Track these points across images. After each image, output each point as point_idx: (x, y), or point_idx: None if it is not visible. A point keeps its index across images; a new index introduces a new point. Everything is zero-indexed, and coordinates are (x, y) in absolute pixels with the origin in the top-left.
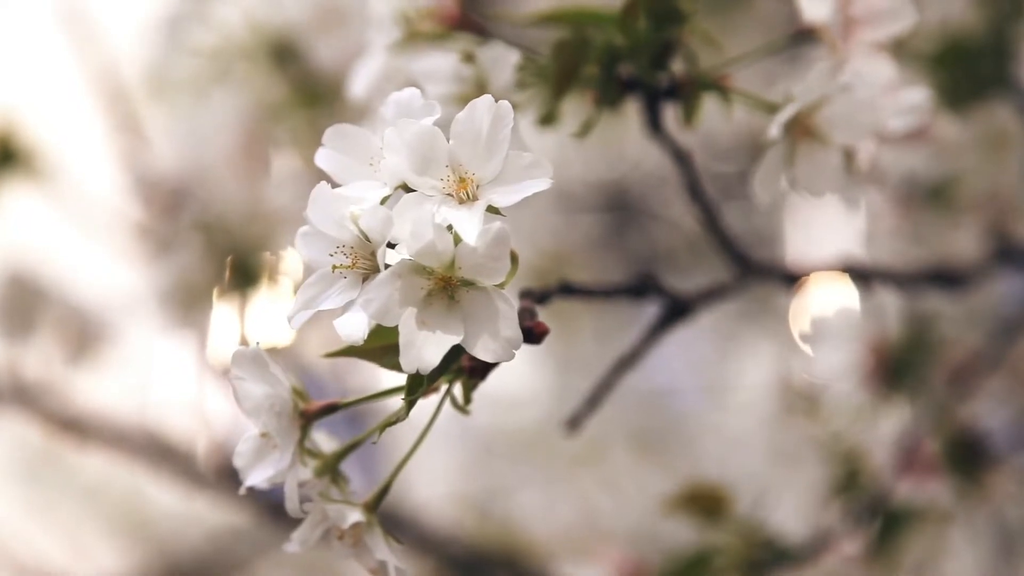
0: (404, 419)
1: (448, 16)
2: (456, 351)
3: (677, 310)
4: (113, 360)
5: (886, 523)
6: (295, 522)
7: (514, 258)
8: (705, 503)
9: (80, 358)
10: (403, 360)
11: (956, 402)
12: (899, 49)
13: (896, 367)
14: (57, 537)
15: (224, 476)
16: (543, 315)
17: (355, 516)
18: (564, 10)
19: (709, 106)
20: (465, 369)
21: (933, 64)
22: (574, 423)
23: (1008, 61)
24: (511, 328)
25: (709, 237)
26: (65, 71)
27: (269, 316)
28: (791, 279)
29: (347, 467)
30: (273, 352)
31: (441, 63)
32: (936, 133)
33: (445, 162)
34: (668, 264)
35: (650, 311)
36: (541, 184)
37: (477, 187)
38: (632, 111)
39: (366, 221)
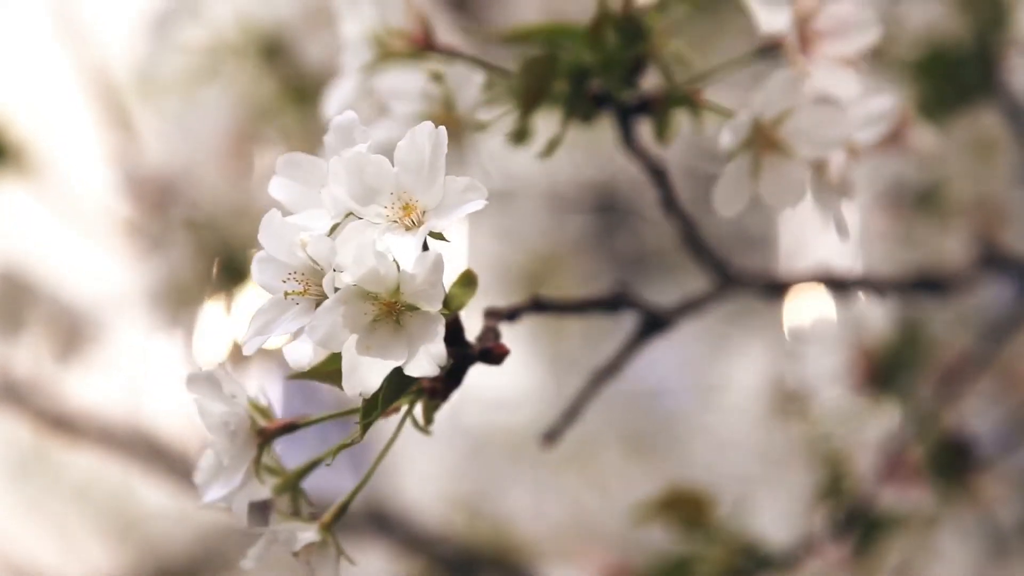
0: (359, 442)
1: (415, 37)
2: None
3: (653, 324)
4: (103, 358)
5: (868, 529)
6: None
7: (472, 280)
8: (685, 509)
9: (69, 356)
10: (346, 384)
11: (944, 406)
12: (881, 57)
13: (885, 371)
14: (47, 536)
15: None
16: (530, 321)
17: (307, 536)
18: (533, 27)
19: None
20: (426, 390)
21: (916, 72)
22: (551, 436)
23: (992, 68)
24: (437, 345)
25: (687, 249)
26: (55, 67)
27: None
28: (772, 288)
29: (340, 476)
30: (265, 356)
31: (407, 82)
32: (915, 140)
33: (391, 189)
34: (658, 265)
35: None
36: (476, 205)
37: (423, 213)
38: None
39: (312, 248)
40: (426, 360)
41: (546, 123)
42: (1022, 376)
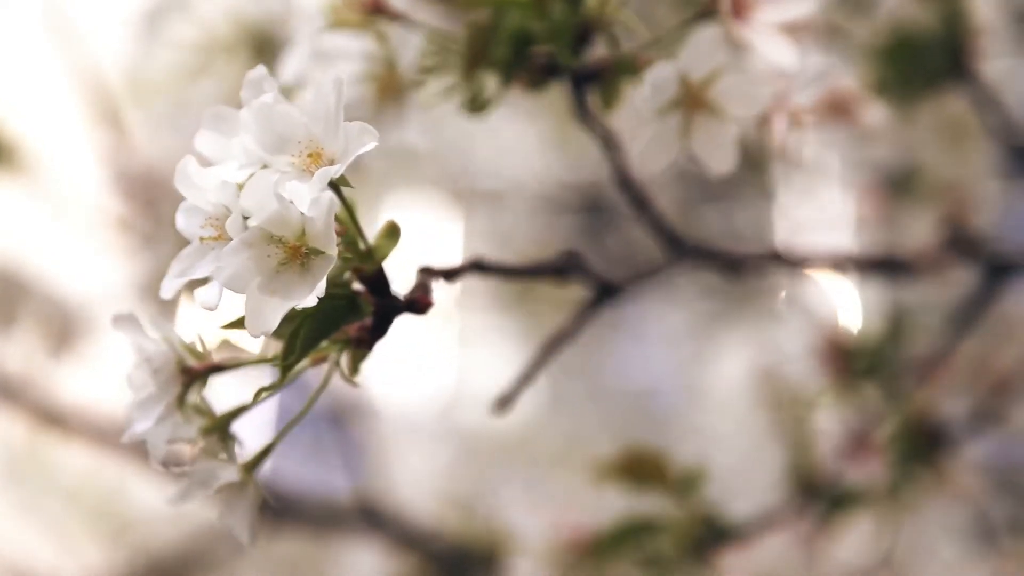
0: (281, 388)
1: (365, 1)
2: (335, 321)
3: (606, 292)
4: (94, 355)
5: (829, 506)
6: (276, 521)
7: (396, 231)
8: (641, 470)
9: (61, 352)
10: (248, 325)
11: (915, 390)
12: (845, 40)
13: (859, 357)
14: (41, 536)
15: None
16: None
17: (227, 475)
18: None
19: None
20: (352, 340)
21: (882, 56)
22: (504, 402)
23: (958, 53)
24: (321, 280)
25: (641, 222)
26: (46, 66)
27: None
28: (727, 264)
29: (330, 463)
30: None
31: (351, 42)
32: (867, 116)
33: (299, 139)
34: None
35: (631, 312)
36: (368, 146)
37: (331, 161)
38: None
39: (219, 194)
40: (312, 296)
41: (525, 98)
42: (993, 364)
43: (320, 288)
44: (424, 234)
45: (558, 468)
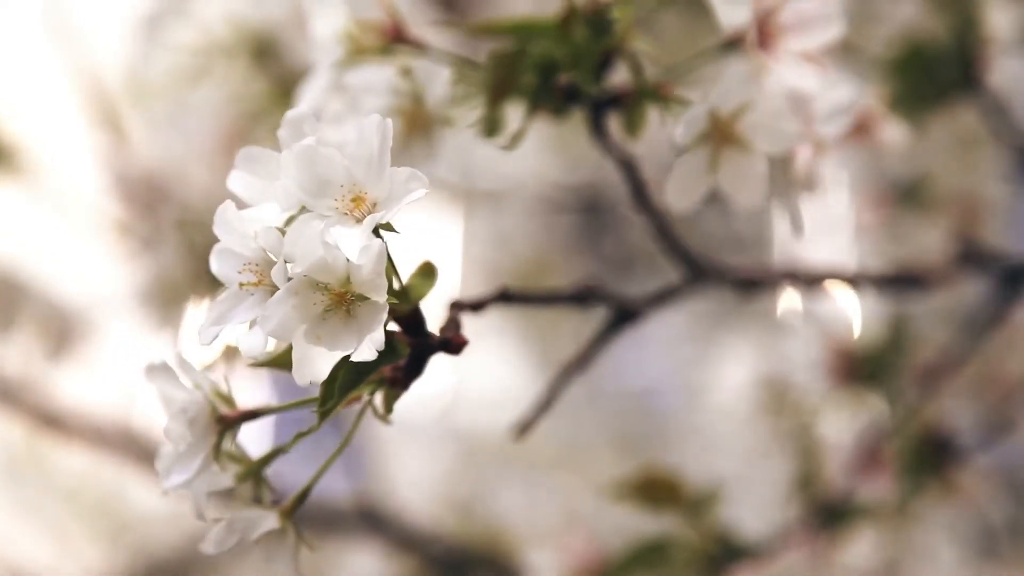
0: (316, 430)
1: (386, 30)
2: (372, 365)
3: (624, 316)
4: (93, 357)
5: (841, 521)
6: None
7: (432, 271)
8: (657, 490)
9: (60, 355)
10: (296, 374)
11: (924, 401)
12: (857, 54)
13: (866, 366)
14: (40, 537)
15: None
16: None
17: (267, 524)
18: (504, 21)
19: None
20: (386, 380)
21: (894, 69)
22: (523, 429)
23: (970, 65)
24: (378, 331)
25: (659, 243)
26: (46, 68)
27: None
28: (744, 283)
29: (329, 476)
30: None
31: (377, 76)
32: (886, 134)
33: (341, 182)
34: (646, 266)
35: None
36: (418, 194)
37: (373, 205)
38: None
39: (262, 240)
40: (367, 345)
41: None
42: (1001, 373)
43: (379, 341)
44: (423, 234)
45: (557, 470)
